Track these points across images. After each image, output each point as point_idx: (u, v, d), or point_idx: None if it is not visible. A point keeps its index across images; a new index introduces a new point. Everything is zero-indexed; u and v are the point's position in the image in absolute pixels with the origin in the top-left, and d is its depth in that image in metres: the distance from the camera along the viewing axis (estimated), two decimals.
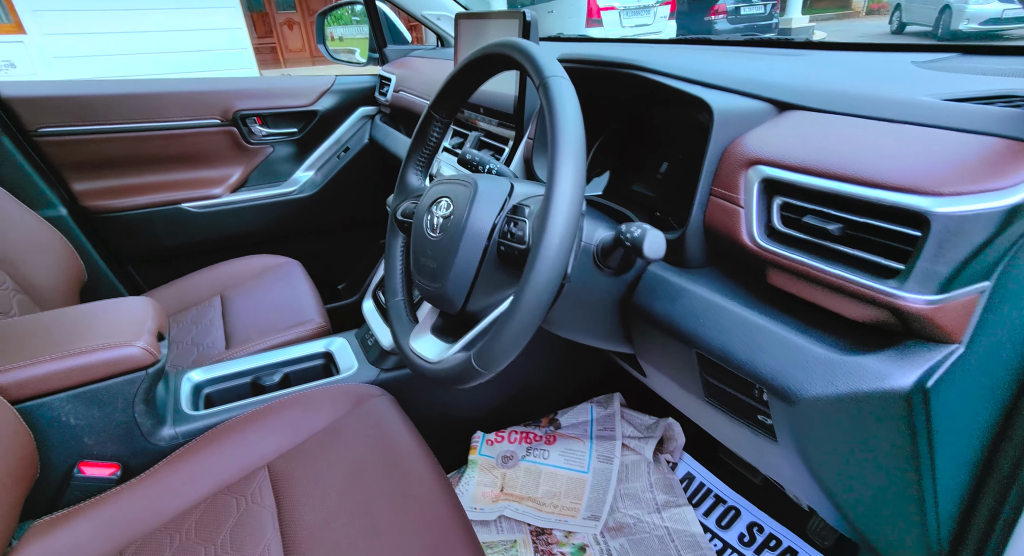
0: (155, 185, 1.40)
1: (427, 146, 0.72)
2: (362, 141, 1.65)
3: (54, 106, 1.25)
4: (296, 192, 1.58)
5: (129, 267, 1.43)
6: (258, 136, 1.52)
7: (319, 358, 1.02)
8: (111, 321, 0.78)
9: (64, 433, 0.70)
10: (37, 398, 0.68)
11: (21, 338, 0.72)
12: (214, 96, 1.42)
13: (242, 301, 1.25)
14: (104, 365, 0.71)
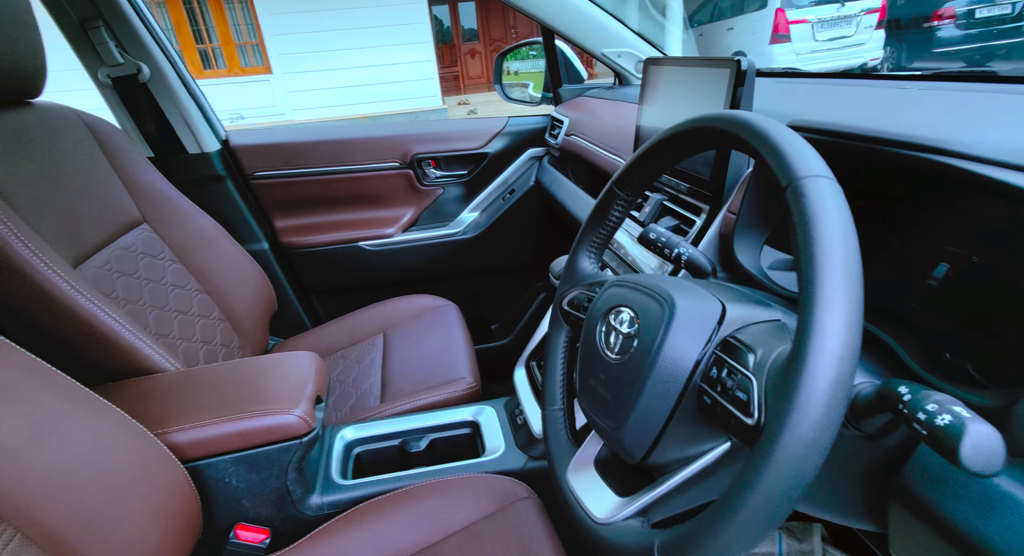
0: (338, 223, 1.50)
1: (605, 227, 0.60)
2: (528, 183, 1.60)
3: (268, 152, 1.40)
4: (460, 233, 1.59)
5: (312, 298, 1.56)
6: (431, 178, 1.55)
7: (466, 427, 0.96)
8: (277, 380, 0.79)
9: (227, 494, 0.72)
10: (206, 459, 0.70)
11: (198, 391, 0.77)
12: (396, 140, 1.49)
13: (401, 343, 1.26)
14: (265, 431, 0.72)
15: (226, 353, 1.15)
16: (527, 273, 1.72)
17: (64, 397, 0.58)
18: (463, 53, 12.08)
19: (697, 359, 0.41)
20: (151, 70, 1.18)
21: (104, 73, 1.16)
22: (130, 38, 1.15)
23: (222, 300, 1.19)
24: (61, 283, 0.77)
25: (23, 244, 0.74)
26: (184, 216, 1.17)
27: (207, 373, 0.82)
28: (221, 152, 1.34)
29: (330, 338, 1.34)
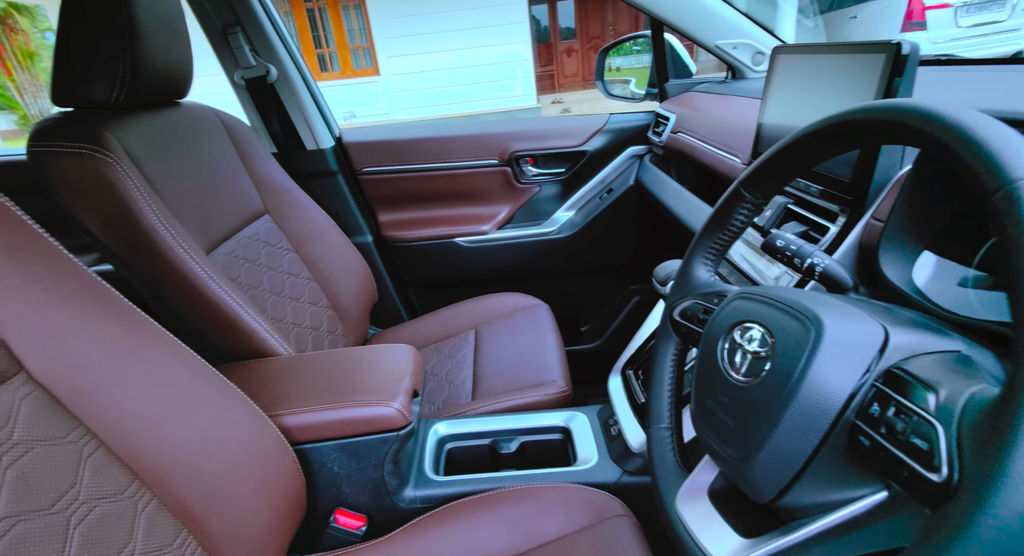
0: (437, 219, 1.53)
1: (726, 232, 0.55)
2: (627, 182, 1.54)
3: (376, 149, 1.46)
4: (555, 232, 1.56)
5: (409, 291, 1.60)
6: (527, 176, 1.54)
7: (557, 432, 0.93)
8: (377, 371, 0.82)
9: (328, 479, 0.75)
10: (311, 443, 0.73)
11: (306, 377, 0.80)
12: (495, 138, 1.49)
13: (492, 341, 1.26)
14: (365, 421, 0.74)
15: (331, 340, 1.21)
16: (621, 275, 1.66)
17: (195, 375, 0.63)
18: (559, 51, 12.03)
19: (852, 391, 0.35)
20: (278, 72, 1.27)
21: (239, 74, 1.27)
22: (262, 42, 1.24)
23: (329, 289, 1.25)
24: (196, 269, 0.84)
25: (168, 232, 0.81)
26: (300, 208, 1.24)
27: (314, 360, 0.86)
28: (335, 149, 1.42)
29: (425, 331, 1.38)
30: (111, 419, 0.55)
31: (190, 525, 0.59)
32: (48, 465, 0.49)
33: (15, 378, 0.50)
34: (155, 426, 0.58)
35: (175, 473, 0.58)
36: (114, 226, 0.79)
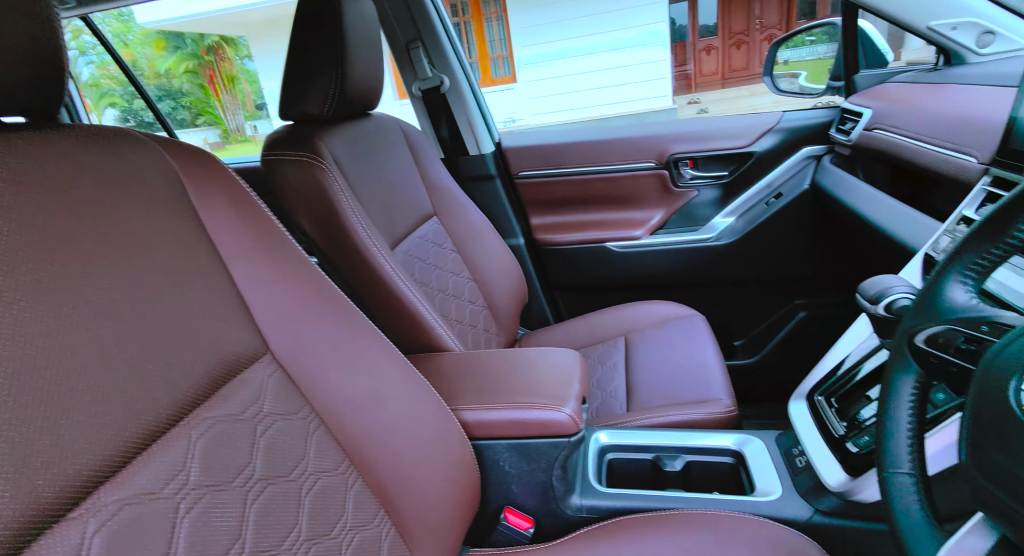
0: (588, 223, 1.52)
1: (1002, 245, 0.45)
2: (800, 186, 1.40)
3: (532, 154, 1.48)
4: (712, 239, 1.46)
5: (556, 294, 1.61)
6: (685, 179, 1.47)
7: (727, 455, 0.86)
8: (546, 375, 0.82)
9: (499, 477, 0.77)
10: (485, 440, 0.75)
11: (479, 375, 0.83)
12: (653, 140, 1.44)
13: (644, 350, 1.22)
14: (538, 424, 0.74)
15: (486, 338, 1.25)
16: (784, 288, 1.52)
17: (394, 365, 0.67)
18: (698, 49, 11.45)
19: None
20: (450, 82, 1.35)
21: (416, 86, 1.37)
22: (439, 55, 1.32)
23: (486, 289, 1.29)
24: (385, 265, 0.91)
25: (365, 231, 0.89)
26: (463, 211, 1.30)
27: (484, 358, 0.89)
28: (494, 154, 1.47)
29: (573, 334, 1.37)
30: (328, 400, 0.61)
31: (386, 506, 0.63)
32: (287, 437, 0.55)
33: (264, 357, 0.57)
34: (362, 409, 0.63)
35: (376, 455, 0.63)
36: (322, 224, 0.89)
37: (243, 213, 0.58)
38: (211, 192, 0.56)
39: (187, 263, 0.51)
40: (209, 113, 8.60)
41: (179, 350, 0.48)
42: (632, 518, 0.72)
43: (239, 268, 0.57)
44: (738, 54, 11.21)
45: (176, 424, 0.46)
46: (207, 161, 0.57)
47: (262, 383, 0.55)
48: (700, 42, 11.43)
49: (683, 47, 11.42)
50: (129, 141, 0.51)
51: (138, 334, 0.45)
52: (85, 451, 0.39)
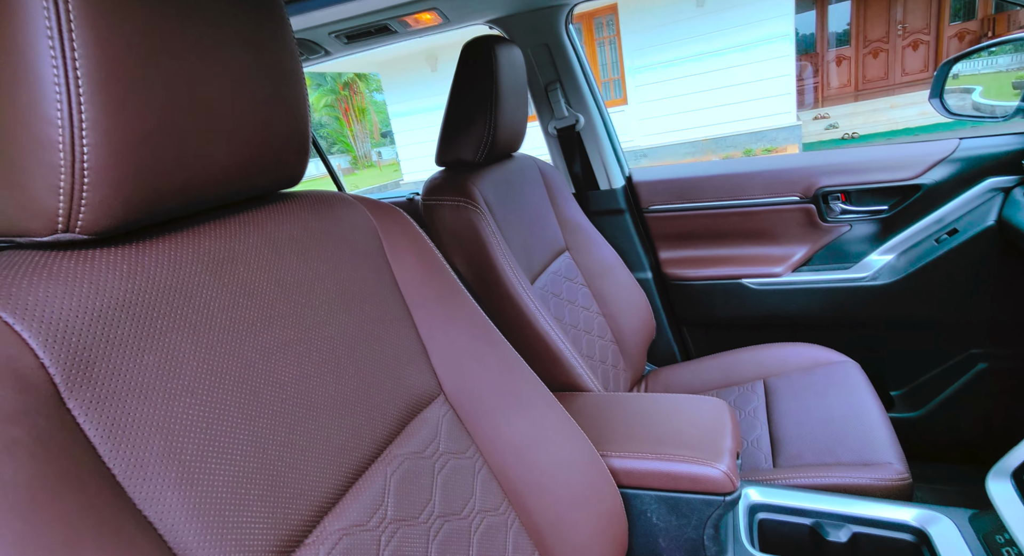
0: (722, 258, 1.46)
1: None
2: (983, 222, 1.23)
3: (663, 188, 1.46)
4: (867, 278, 1.33)
5: (683, 330, 1.56)
6: (835, 213, 1.36)
7: (907, 532, 0.77)
8: (696, 425, 0.79)
9: (646, 528, 0.75)
10: (634, 489, 0.74)
11: (624, 420, 0.82)
12: (798, 173, 1.35)
13: (789, 397, 1.13)
14: (690, 479, 0.72)
15: (615, 374, 1.24)
16: (958, 335, 1.33)
17: (549, 408, 0.69)
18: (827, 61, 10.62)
19: None
20: (585, 120, 1.38)
21: (552, 125, 1.41)
22: (575, 95, 1.36)
23: (614, 324, 1.29)
24: (529, 303, 0.94)
25: (511, 270, 0.93)
26: (593, 245, 1.31)
27: (629, 402, 0.88)
28: (624, 188, 1.47)
29: (704, 374, 1.31)
30: (491, 441, 0.64)
31: (539, 548, 0.64)
32: (458, 476, 0.59)
33: (438, 398, 0.61)
34: (521, 452, 0.65)
35: (532, 498, 0.64)
36: (475, 264, 0.94)
37: (426, 265, 0.64)
38: (401, 247, 0.62)
39: (384, 313, 0.57)
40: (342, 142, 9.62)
41: (378, 392, 0.53)
42: None
43: (420, 315, 0.62)
44: (875, 63, 10.22)
45: (374, 461, 0.51)
46: (399, 218, 0.64)
47: (437, 422, 0.60)
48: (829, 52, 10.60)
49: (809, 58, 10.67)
50: (345, 205, 0.58)
51: (351, 379, 0.51)
52: (316, 485, 0.44)
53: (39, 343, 0.31)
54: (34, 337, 0.31)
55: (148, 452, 0.34)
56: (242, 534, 0.38)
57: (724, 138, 7.91)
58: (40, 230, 0.33)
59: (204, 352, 0.40)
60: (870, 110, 8.74)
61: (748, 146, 7.82)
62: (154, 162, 0.36)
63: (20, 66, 0.30)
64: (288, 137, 0.48)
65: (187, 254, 0.41)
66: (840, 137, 7.77)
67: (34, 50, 0.30)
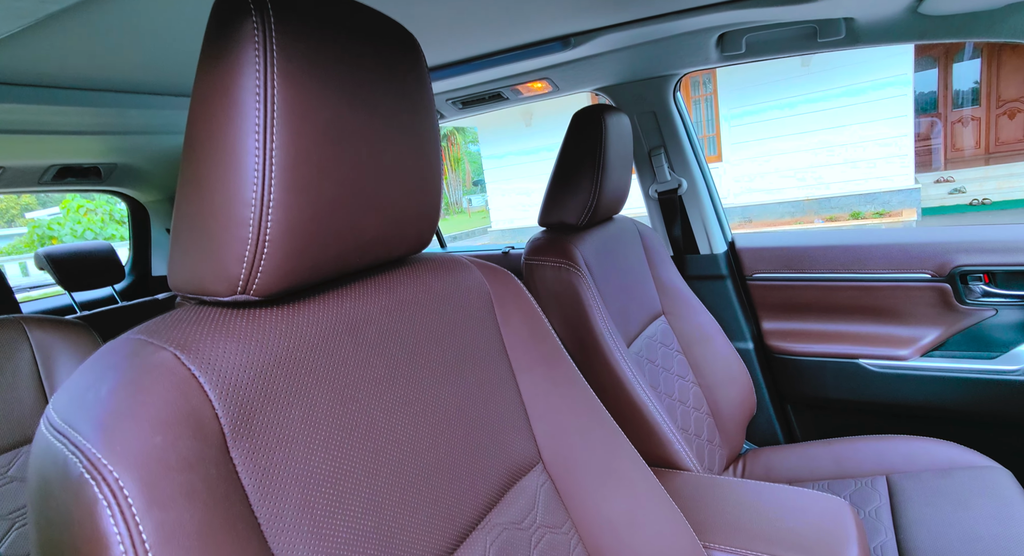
0: (835, 335, 1.35)
1: None
2: None
3: (770, 255, 1.40)
4: (1018, 372, 1.17)
5: (788, 409, 1.44)
6: (976, 296, 1.22)
7: None
8: (813, 525, 0.71)
9: None
10: None
11: (731, 508, 0.76)
12: (931, 248, 1.24)
13: (921, 503, 0.99)
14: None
15: (710, 450, 1.16)
16: None
17: (650, 488, 0.66)
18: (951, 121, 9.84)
19: None
20: (687, 184, 1.37)
21: (654, 189, 1.41)
22: (680, 160, 1.36)
23: (711, 395, 1.21)
24: (627, 370, 0.92)
25: (610, 336, 0.92)
26: (691, 311, 1.26)
27: (734, 487, 0.81)
28: (727, 253, 1.42)
29: (814, 461, 1.18)
30: (587, 517, 0.61)
31: None
32: (553, 551, 0.57)
33: (537, 466, 0.60)
34: (618, 532, 0.62)
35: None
36: (572, 326, 0.94)
37: (533, 329, 0.64)
38: (511, 310, 0.64)
39: (491, 376, 0.58)
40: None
41: (483, 456, 0.54)
42: None
43: (524, 380, 0.62)
44: (1010, 125, 9.32)
45: (475, 528, 0.51)
46: (511, 282, 0.65)
47: (535, 492, 0.58)
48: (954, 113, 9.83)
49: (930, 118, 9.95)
50: (461, 267, 0.61)
51: (460, 441, 0.52)
52: (423, 549, 0.45)
53: (216, 395, 0.34)
54: (213, 389, 0.34)
55: (287, 503, 0.36)
56: None
57: (829, 199, 7.47)
58: (223, 292, 0.38)
59: (338, 407, 0.42)
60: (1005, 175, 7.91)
61: (856, 208, 7.31)
62: (319, 235, 0.40)
63: (232, 159, 0.36)
64: (427, 207, 0.52)
65: (330, 315, 0.45)
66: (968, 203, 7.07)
67: (244, 145, 0.35)
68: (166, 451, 0.30)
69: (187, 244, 0.38)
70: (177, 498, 0.29)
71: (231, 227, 0.36)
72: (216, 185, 0.36)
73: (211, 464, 0.32)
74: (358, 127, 0.41)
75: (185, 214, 0.38)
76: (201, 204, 0.37)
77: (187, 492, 0.30)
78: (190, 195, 0.38)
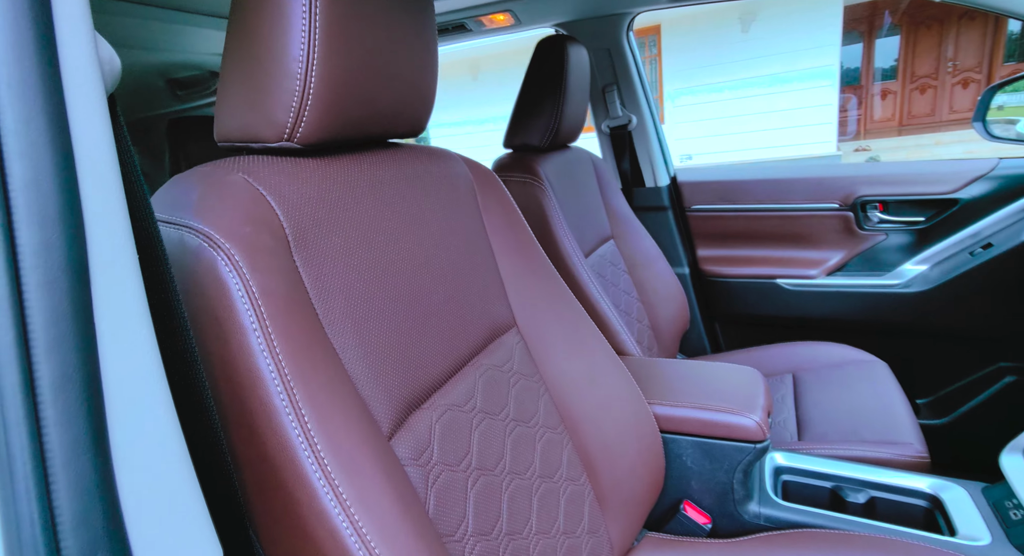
0: (758, 259, 1.53)
1: None
2: (1017, 238, 1.28)
3: (707, 189, 1.55)
4: (899, 286, 1.39)
5: (716, 324, 1.63)
6: (872, 222, 1.42)
7: (922, 498, 0.84)
8: (732, 385, 0.87)
9: (681, 471, 0.84)
10: (672, 434, 0.83)
11: (664, 378, 0.91)
12: (840, 181, 1.43)
13: (817, 389, 1.19)
14: (725, 427, 0.80)
15: (650, 356, 1.32)
16: (988, 347, 1.38)
17: (605, 354, 0.78)
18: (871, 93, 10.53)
19: None
20: (637, 120, 1.48)
21: (606, 124, 1.52)
22: (630, 97, 1.47)
23: (652, 311, 1.37)
24: (584, 273, 1.04)
25: (569, 243, 1.03)
26: (637, 236, 1.41)
27: (669, 364, 0.97)
28: (669, 187, 1.56)
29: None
30: (553, 372, 0.73)
31: (588, 470, 0.73)
32: (526, 393, 0.68)
33: (512, 329, 0.71)
34: (578, 385, 0.74)
35: (585, 426, 0.74)
36: (536, 235, 1.05)
37: (509, 219, 0.74)
38: (490, 199, 0.73)
39: (476, 251, 0.68)
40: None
41: (471, 312, 0.64)
42: (816, 532, 0.74)
43: (502, 261, 0.72)
44: (921, 99, 10.08)
45: (467, 363, 0.61)
46: (491, 177, 0.75)
47: (512, 348, 0.70)
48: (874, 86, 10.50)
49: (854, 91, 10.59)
50: (449, 158, 0.70)
51: (453, 295, 0.61)
52: (430, 368, 0.55)
53: (281, 212, 0.43)
54: (279, 207, 0.42)
55: (334, 306, 0.45)
56: (388, 385, 0.49)
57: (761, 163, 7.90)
58: (271, 138, 0.45)
59: (364, 245, 0.51)
60: (914, 145, 8.63)
61: None
62: (348, 96, 0.47)
63: (282, 17, 0.42)
64: (424, 93, 0.60)
65: (355, 172, 0.53)
66: None
67: (296, 14, 0.42)
68: (255, 238, 0.38)
69: (237, 96, 0.45)
70: (270, 271, 0.38)
71: (282, 79, 0.43)
72: (267, 41, 0.43)
73: (284, 257, 0.40)
74: (377, 14, 0.49)
75: (235, 68, 0.45)
76: (252, 59, 0.44)
77: (275, 269, 0.38)
78: (240, 51, 0.44)
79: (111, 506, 0.22)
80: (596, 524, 0.71)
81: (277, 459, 0.35)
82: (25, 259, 0.21)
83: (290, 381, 0.36)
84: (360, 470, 0.38)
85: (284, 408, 0.35)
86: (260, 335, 0.36)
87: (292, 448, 0.35)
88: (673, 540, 0.78)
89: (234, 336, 0.35)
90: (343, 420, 0.39)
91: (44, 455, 0.21)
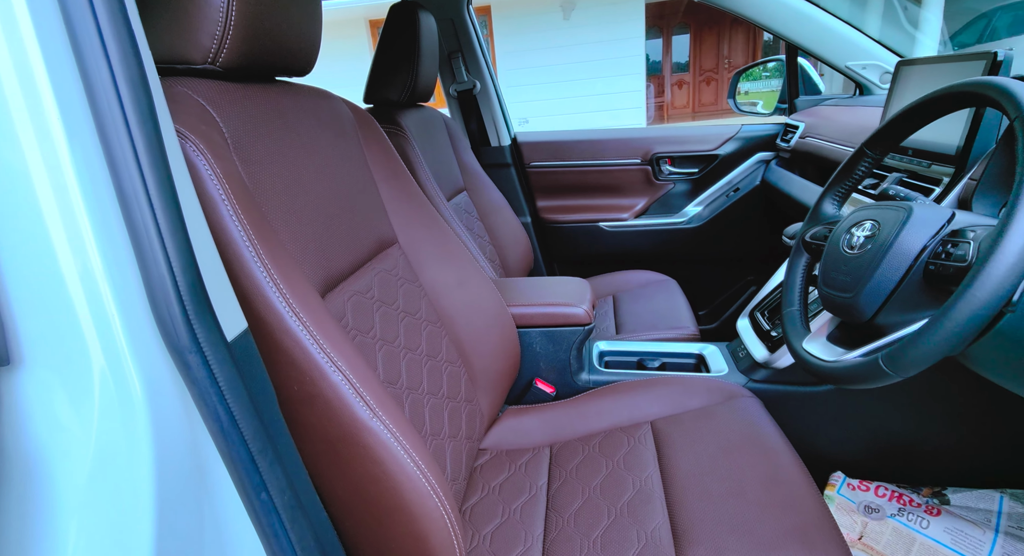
0: (585, 207, 1.85)
1: (850, 180, 0.79)
2: (753, 183, 1.76)
3: (542, 148, 1.82)
4: (684, 223, 1.81)
5: (554, 264, 1.93)
6: (664, 174, 1.82)
7: (692, 357, 1.18)
8: (564, 289, 1.13)
9: (532, 357, 1.07)
10: (524, 328, 1.06)
11: (515, 288, 1.14)
12: (640, 142, 1.79)
13: (630, 303, 1.54)
14: (563, 316, 1.05)
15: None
16: (739, 266, 1.87)
17: (471, 264, 0.97)
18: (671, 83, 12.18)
19: (926, 244, 0.59)
20: (480, 85, 1.67)
21: (454, 89, 1.69)
22: (473, 64, 1.65)
23: (502, 254, 1.60)
24: (446, 211, 1.21)
25: (432, 187, 1.20)
26: (486, 188, 1.61)
27: (516, 281, 1.19)
28: (511, 146, 1.79)
29: None
30: (429, 280, 0.90)
31: (462, 356, 0.92)
32: (411, 295, 0.84)
33: (395, 245, 0.86)
34: (450, 290, 0.92)
35: (458, 322, 0.92)
36: None
37: (387, 154, 0.88)
38: (370, 136, 0.86)
39: (358, 178, 0.81)
40: None
41: (362, 223, 0.77)
42: (626, 382, 1.02)
43: (383, 187, 0.86)
44: (708, 90, 11.94)
45: (363, 266, 0.75)
46: (368, 116, 0.87)
47: (396, 259, 0.85)
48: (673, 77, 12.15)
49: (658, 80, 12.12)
50: (333, 98, 0.81)
51: (345, 209, 0.74)
52: (337, 261, 0.68)
53: (220, 119, 0.52)
54: (217, 116, 0.52)
55: (266, 200, 0.56)
56: (310, 268, 0.61)
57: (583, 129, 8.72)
58: (197, 60, 0.54)
59: (279, 158, 0.62)
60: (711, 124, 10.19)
61: None
62: (260, 28, 0.58)
63: None
64: (315, 37, 0.71)
65: (267, 98, 0.63)
66: None
67: None
68: (210, 134, 0.48)
69: (162, 20, 0.53)
70: (226, 160, 0.48)
71: (207, 9, 0.52)
72: None
73: (231, 156, 0.51)
74: None
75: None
76: None
77: (228, 159, 0.49)
78: None
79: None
80: (471, 395, 0.90)
81: (249, 294, 0.47)
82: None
83: (254, 240, 0.48)
84: (311, 304, 0.51)
85: (252, 258, 0.47)
86: (228, 206, 0.47)
87: (260, 285, 0.47)
88: (528, 408, 1.01)
89: (206, 205, 0.46)
90: (295, 272, 0.52)
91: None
